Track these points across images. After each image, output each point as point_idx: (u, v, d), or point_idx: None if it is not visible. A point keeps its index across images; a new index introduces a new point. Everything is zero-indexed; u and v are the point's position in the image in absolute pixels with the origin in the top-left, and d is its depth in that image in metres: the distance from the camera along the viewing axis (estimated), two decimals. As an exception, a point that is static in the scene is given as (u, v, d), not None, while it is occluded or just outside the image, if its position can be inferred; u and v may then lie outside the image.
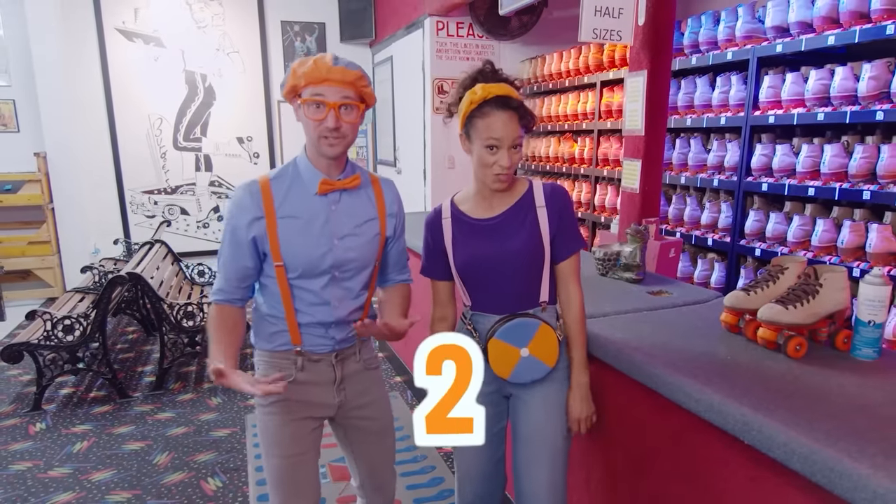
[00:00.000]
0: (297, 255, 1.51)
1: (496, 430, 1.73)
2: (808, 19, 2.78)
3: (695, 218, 3.55)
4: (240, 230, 1.50)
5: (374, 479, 1.80)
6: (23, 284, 5.82)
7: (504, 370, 1.59)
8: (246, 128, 6.49)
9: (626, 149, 2.83)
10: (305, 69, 1.43)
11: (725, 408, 1.30)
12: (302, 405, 1.61)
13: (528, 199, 1.61)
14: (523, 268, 1.58)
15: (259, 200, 1.49)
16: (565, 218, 1.61)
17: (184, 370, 4.15)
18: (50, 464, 2.98)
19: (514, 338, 1.57)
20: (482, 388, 1.58)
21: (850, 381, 1.42)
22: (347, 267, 1.56)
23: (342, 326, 1.60)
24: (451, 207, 1.66)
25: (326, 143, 1.47)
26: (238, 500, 2.67)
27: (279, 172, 1.55)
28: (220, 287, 1.56)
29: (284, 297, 1.54)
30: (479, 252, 1.59)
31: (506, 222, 1.59)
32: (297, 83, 1.45)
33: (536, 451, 1.64)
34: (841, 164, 2.70)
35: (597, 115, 4.17)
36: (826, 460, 1.09)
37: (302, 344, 1.58)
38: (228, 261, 1.54)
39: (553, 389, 1.64)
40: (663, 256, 2.66)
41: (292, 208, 1.51)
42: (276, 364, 1.59)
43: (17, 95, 5.77)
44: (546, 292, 1.62)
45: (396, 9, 5.69)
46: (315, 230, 1.52)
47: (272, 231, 1.49)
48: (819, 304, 1.59)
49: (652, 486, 1.66)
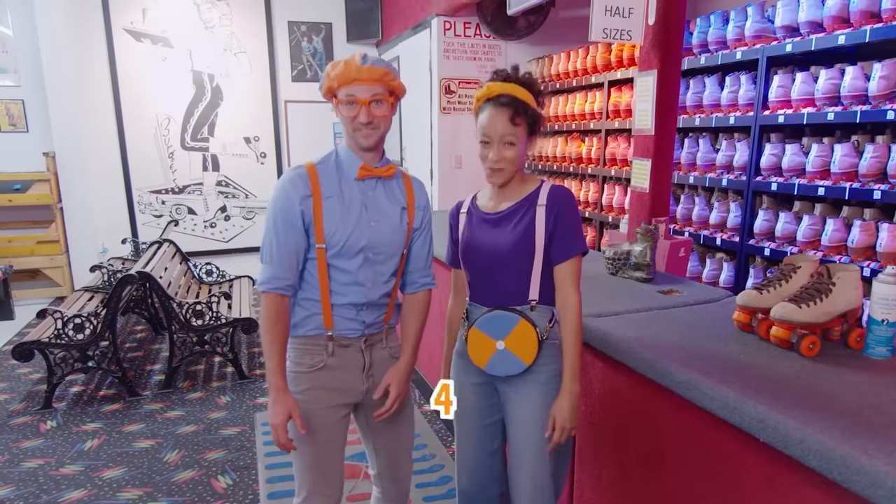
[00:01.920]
0: (337, 233, 1.59)
1: (488, 422, 1.77)
2: (819, 19, 2.77)
3: (703, 217, 3.55)
4: (292, 209, 1.57)
5: (392, 470, 1.85)
6: (31, 283, 5.85)
7: (480, 360, 1.66)
8: (253, 128, 6.51)
9: (636, 148, 2.83)
10: (337, 71, 1.54)
11: (741, 406, 1.30)
12: (332, 392, 1.67)
13: (531, 198, 1.65)
14: (510, 263, 1.63)
15: (307, 181, 1.59)
16: (563, 220, 1.62)
17: (193, 369, 4.17)
18: (61, 461, 3.00)
19: (492, 330, 1.62)
20: (471, 378, 1.75)
21: (863, 380, 1.42)
22: (379, 249, 1.65)
23: (372, 309, 1.68)
24: (471, 202, 1.77)
25: (361, 136, 1.59)
26: (248, 497, 2.69)
27: (322, 159, 1.66)
28: (273, 275, 1.58)
29: (322, 277, 1.62)
30: (474, 243, 1.69)
31: (507, 218, 1.66)
32: (331, 85, 1.56)
33: (520, 451, 1.68)
34: (851, 163, 2.70)
35: (604, 114, 4.17)
36: (843, 457, 1.09)
37: (333, 328, 1.64)
38: (281, 244, 1.58)
39: (535, 390, 1.66)
40: (673, 256, 2.66)
41: (334, 190, 1.62)
42: (308, 350, 1.65)
43: (27, 95, 5.80)
44: (536, 291, 1.64)
45: (403, 9, 5.70)
46: (354, 211, 1.62)
47: (318, 209, 1.58)
48: (832, 303, 1.59)
49: (664, 484, 1.67)
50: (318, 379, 1.66)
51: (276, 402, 1.58)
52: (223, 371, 4.14)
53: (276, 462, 2.91)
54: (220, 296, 4.17)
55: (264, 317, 1.59)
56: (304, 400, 1.64)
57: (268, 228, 1.60)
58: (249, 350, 4.54)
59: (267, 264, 1.60)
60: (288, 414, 1.57)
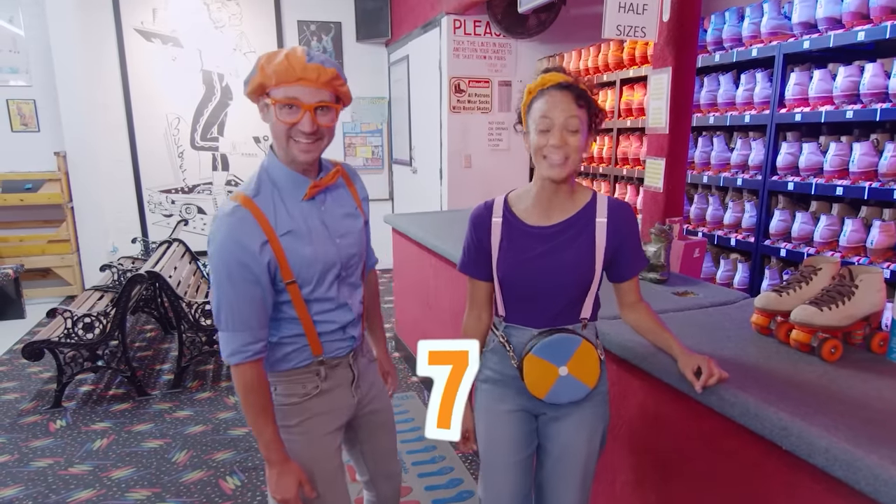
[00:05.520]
0: (309, 266, 1.40)
1: (524, 455, 1.56)
2: (837, 15, 2.72)
3: (717, 217, 3.49)
4: (253, 261, 1.33)
5: (385, 468, 1.78)
6: (42, 282, 5.87)
7: (540, 389, 1.46)
8: (262, 127, 6.48)
9: (650, 147, 2.79)
10: (276, 67, 1.30)
11: (762, 412, 1.26)
12: (327, 417, 1.54)
13: (589, 211, 1.47)
14: (573, 283, 1.46)
15: (255, 223, 1.34)
16: (629, 237, 1.48)
17: (201, 368, 4.16)
18: (70, 461, 2.99)
19: (553, 355, 1.44)
20: (506, 405, 1.57)
21: (888, 385, 1.37)
22: (350, 263, 1.51)
23: (355, 322, 1.56)
24: (504, 207, 1.51)
25: (299, 149, 1.36)
26: (257, 499, 2.67)
27: (255, 189, 1.38)
28: (243, 343, 1.36)
29: (301, 314, 1.44)
30: (528, 262, 1.46)
31: (562, 233, 1.46)
32: (265, 81, 1.31)
33: (567, 472, 1.53)
34: (870, 162, 2.64)
35: (616, 113, 4.12)
36: (870, 467, 1.05)
37: (323, 352, 1.50)
38: (245, 304, 1.35)
39: (589, 411, 1.53)
40: (687, 256, 2.61)
41: (288, 223, 1.38)
42: (298, 381, 1.49)
43: (38, 95, 5.82)
44: (589, 309, 1.50)
45: (413, 7, 5.67)
46: (318, 237, 1.43)
47: (279, 253, 1.36)
48: (855, 306, 1.54)
49: (680, 492, 1.62)
50: (312, 408, 1.50)
51: (283, 475, 1.42)
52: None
53: (285, 463, 2.88)
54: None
55: (243, 391, 1.38)
56: (302, 431, 1.50)
57: (221, 289, 1.34)
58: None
59: (231, 332, 1.35)
60: (299, 482, 1.44)
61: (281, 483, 1.43)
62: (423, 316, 3.79)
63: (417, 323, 3.92)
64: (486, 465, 1.59)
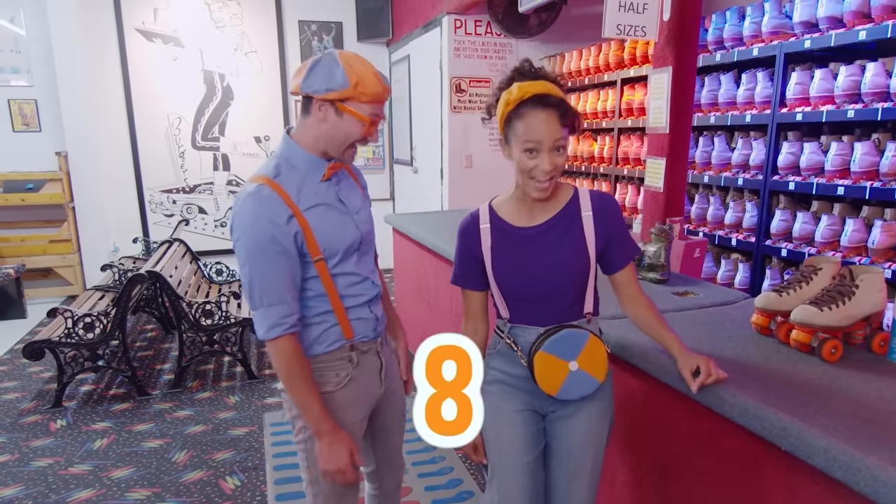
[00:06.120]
0: (334, 240, 1.48)
1: (533, 457, 1.55)
2: (839, 14, 2.71)
3: (718, 217, 3.48)
4: (282, 235, 1.39)
5: (392, 459, 1.81)
6: (44, 282, 5.88)
7: (552, 386, 1.45)
8: (263, 127, 6.51)
9: (650, 147, 2.78)
10: (372, 88, 1.41)
11: (761, 413, 1.26)
12: (357, 407, 1.58)
13: (573, 207, 1.49)
14: (570, 279, 1.47)
15: (279, 199, 1.41)
16: (617, 226, 1.50)
17: (202, 368, 4.16)
18: (70, 460, 2.99)
19: (562, 351, 1.44)
20: (515, 405, 1.56)
21: (888, 386, 1.37)
22: (368, 239, 1.61)
23: (377, 300, 1.63)
24: (490, 213, 1.53)
25: (352, 154, 1.52)
26: (256, 499, 2.67)
27: (275, 171, 1.46)
28: (280, 315, 1.40)
29: (329, 288, 1.49)
30: (524, 263, 1.48)
31: (550, 231, 1.48)
32: (357, 97, 1.40)
33: (576, 469, 1.54)
34: (872, 162, 2.63)
35: (617, 112, 4.11)
36: (870, 468, 1.05)
37: (353, 335, 1.55)
38: (276, 278, 1.40)
39: (595, 408, 1.53)
40: (688, 256, 2.60)
41: (310, 198, 1.47)
42: (332, 367, 1.54)
43: (39, 95, 5.83)
44: (591, 303, 1.52)
45: (414, 7, 5.67)
46: (337, 212, 1.52)
47: (305, 226, 1.43)
48: (855, 306, 1.54)
49: (679, 493, 1.62)
50: (344, 397, 1.54)
51: (334, 444, 1.45)
52: (232, 371, 4.13)
53: (284, 463, 2.88)
54: (229, 295, 4.16)
55: (286, 365, 1.42)
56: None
57: (254, 266, 1.40)
58: (258, 350, 4.53)
59: (266, 307, 1.41)
60: (351, 450, 1.47)
61: (333, 453, 1.45)
62: (425, 316, 3.79)
63: (418, 323, 3.92)
64: (498, 468, 1.57)
